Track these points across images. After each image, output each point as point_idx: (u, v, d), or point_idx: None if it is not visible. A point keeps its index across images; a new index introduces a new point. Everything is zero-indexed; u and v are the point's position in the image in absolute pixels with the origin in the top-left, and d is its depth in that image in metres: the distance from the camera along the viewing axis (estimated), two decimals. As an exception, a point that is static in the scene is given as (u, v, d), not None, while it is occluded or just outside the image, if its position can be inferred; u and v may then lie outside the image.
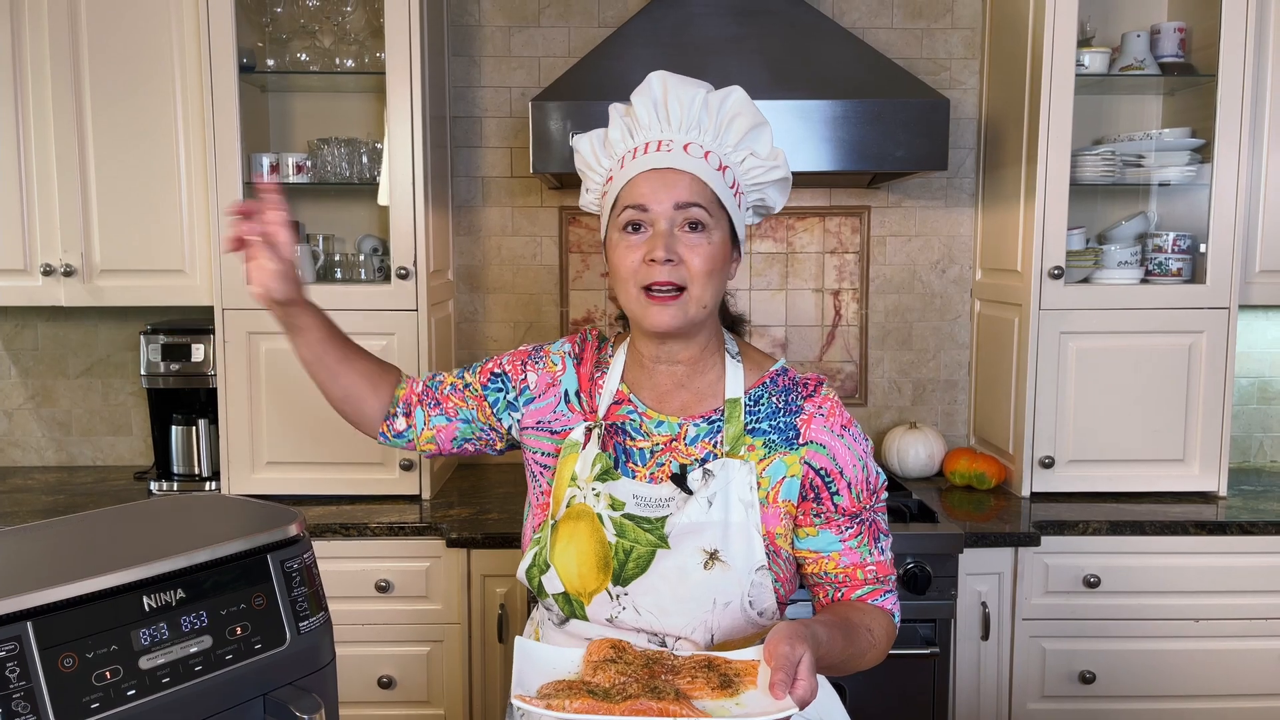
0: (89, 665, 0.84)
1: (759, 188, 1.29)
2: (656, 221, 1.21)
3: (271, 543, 1.01)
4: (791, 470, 1.24)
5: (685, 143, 1.23)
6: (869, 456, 1.28)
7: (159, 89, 2.46)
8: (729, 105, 1.24)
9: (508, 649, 2.26)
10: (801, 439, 1.25)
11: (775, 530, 1.24)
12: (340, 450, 2.47)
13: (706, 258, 1.21)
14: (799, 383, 1.30)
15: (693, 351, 1.29)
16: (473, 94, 2.81)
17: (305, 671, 1.01)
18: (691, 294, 1.21)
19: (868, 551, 1.26)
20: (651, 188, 1.22)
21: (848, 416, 1.29)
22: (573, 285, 2.88)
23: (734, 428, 1.25)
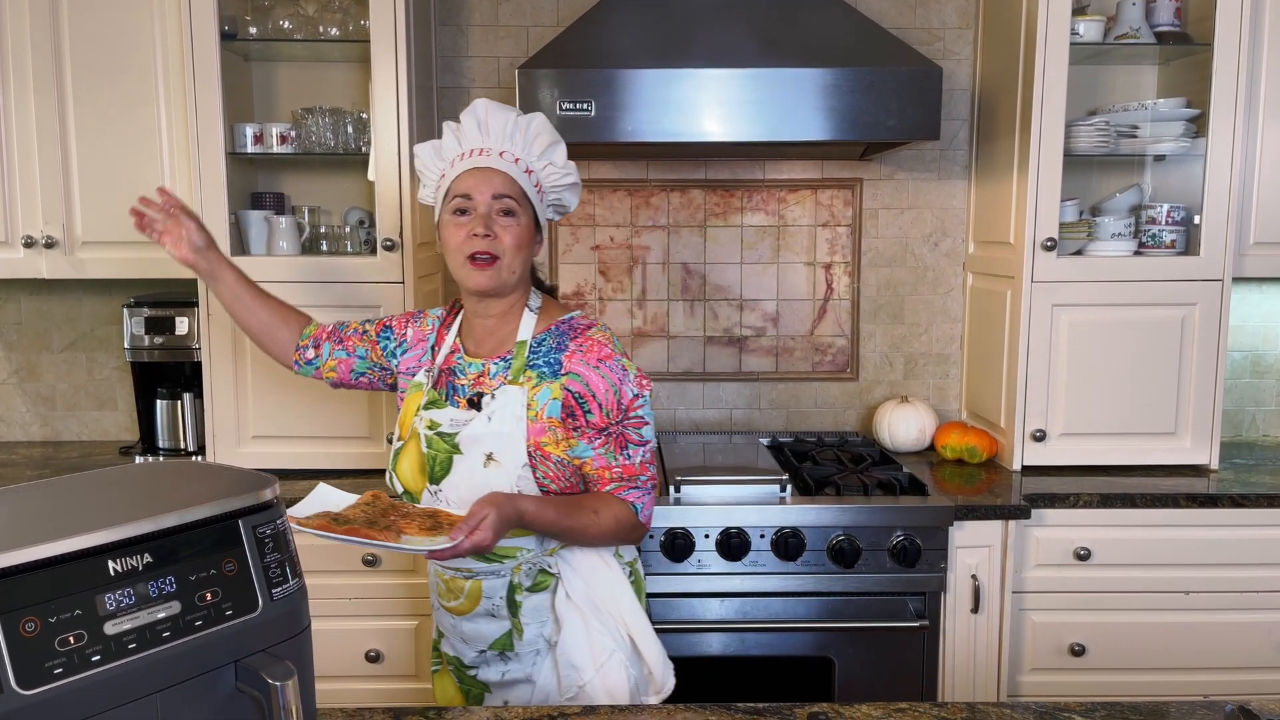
0: (52, 630, 0.82)
1: (557, 190, 1.70)
2: (478, 207, 1.59)
3: (243, 508, 0.99)
4: (554, 394, 1.58)
5: (501, 150, 1.62)
6: (624, 383, 1.59)
7: (140, 57, 2.42)
8: (533, 126, 1.64)
9: (496, 622, 2.24)
10: (564, 370, 1.59)
11: (541, 440, 1.57)
12: (327, 424, 2.44)
13: (515, 235, 1.60)
14: (575, 327, 1.64)
15: (502, 308, 1.66)
16: (460, 64, 2.77)
17: (279, 638, 0.99)
18: (504, 262, 1.60)
19: (613, 457, 1.59)
20: (475, 182, 1.60)
21: (608, 352, 1.60)
22: (562, 258, 2.85)
23: (518, 363, 1.62)
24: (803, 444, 2.69)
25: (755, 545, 2.19)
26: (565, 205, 1.75)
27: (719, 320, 2.87)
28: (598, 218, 2.84)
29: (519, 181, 1.62)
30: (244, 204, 2.57)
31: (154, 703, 0.89)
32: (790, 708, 1.24)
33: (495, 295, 1.64)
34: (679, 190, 2.83)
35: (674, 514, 2.19)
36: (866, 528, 2.19)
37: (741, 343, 2.88)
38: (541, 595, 1.62)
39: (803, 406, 2.90)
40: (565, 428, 1.58)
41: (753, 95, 2.25)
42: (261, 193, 2.63)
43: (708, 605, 2.22)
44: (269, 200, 2.61)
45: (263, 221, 2.50)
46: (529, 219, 1.64)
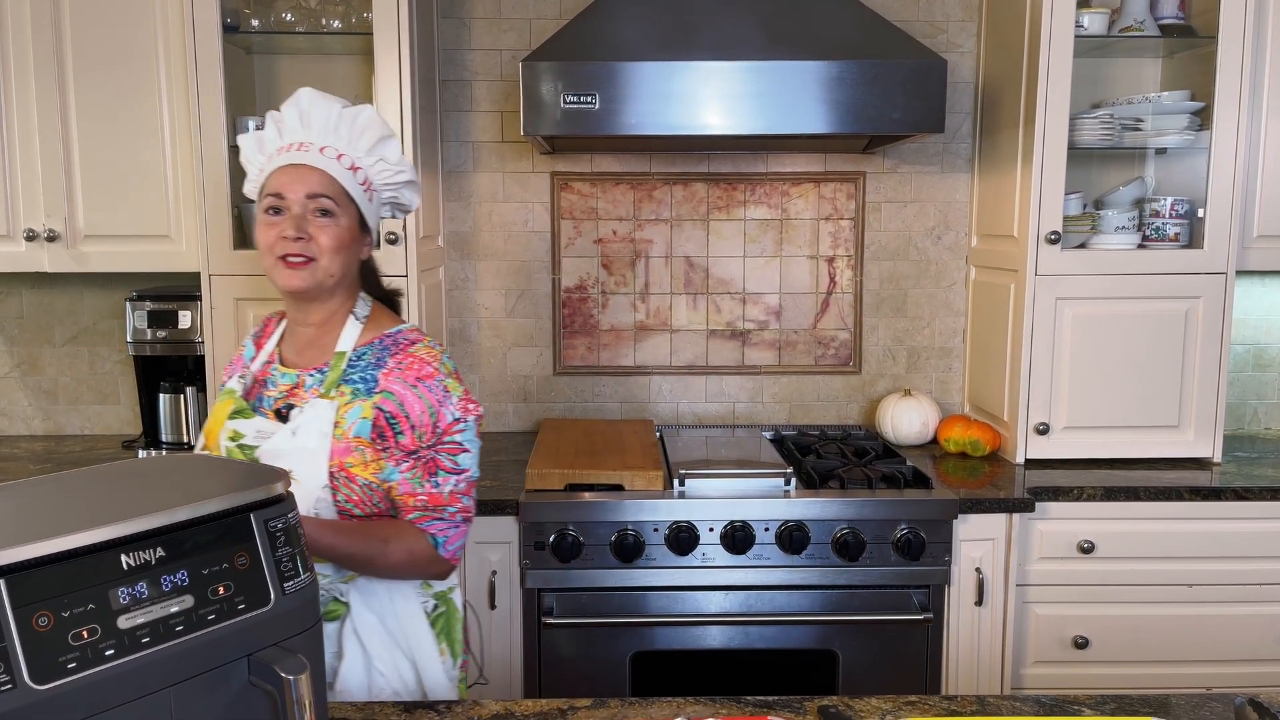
0: (65, 624, 0.82)
1: (391, 188, 1.59)
2: (291, 207, 1.48)
3: (255, 501, 0.99)
4: (365, 413, 1.48)
5: (322, 146, 1.51)
6: (444, 405, 1.51)
7: (141, 50, 2.41)
8: (361, 119, 1.54)
9: (499, 616, 2.24)
10: (378, 388, 1.50)
11: (346, 460, 1.47)
12: (330, 418, 2.44)
13: (333, 237, 1.49)
14: (399, 343, 1.55)
15: (322, 315, 1.56)
16: (462, 56, 2.76)
17: (291, 633, 0.99)
18: (320, 264, 1.49)
19: (419, 483, 1.49)
20: (289, 180, 1.48)
21: (430, 371, 1.51)
22: (565, 252, 2.85)
23: (333, 376, 1.52)
24: (806, 437, 2.69)
25: (760, 539, 2.19)
26: (404, 203, 1.65)
27: (722, 314, 2.87)
28: (600, 211, 2.83)
29: (339, 180, 1.50)
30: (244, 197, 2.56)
31: (167, 697, 0.89)
32: (801, 700, 1.25)
33: (312, 299, 1.54)
34: (682, 183, 2.82)
35: (678, 508, 2.19)
36: (871, 521, 2.19)
37: (744, 336, 2.88)
38: (332, 625, 1.50)
39: (805, 400, 2.90)
40: (374, 449, 1.47)
41: (757, 88, 2.25)
42: (264, 186, 2.62)
43: (711, 598, 2.22)
44: (271, 193, 2.60)
45: (265, 215, 2.49)
46: (351, 219, 1.52)
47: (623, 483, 2.24)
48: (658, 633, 2.23)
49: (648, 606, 2.22)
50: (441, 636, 1.58)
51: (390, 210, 1.65)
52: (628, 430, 2.66)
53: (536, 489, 2.25)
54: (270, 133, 1.55)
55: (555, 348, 2.88)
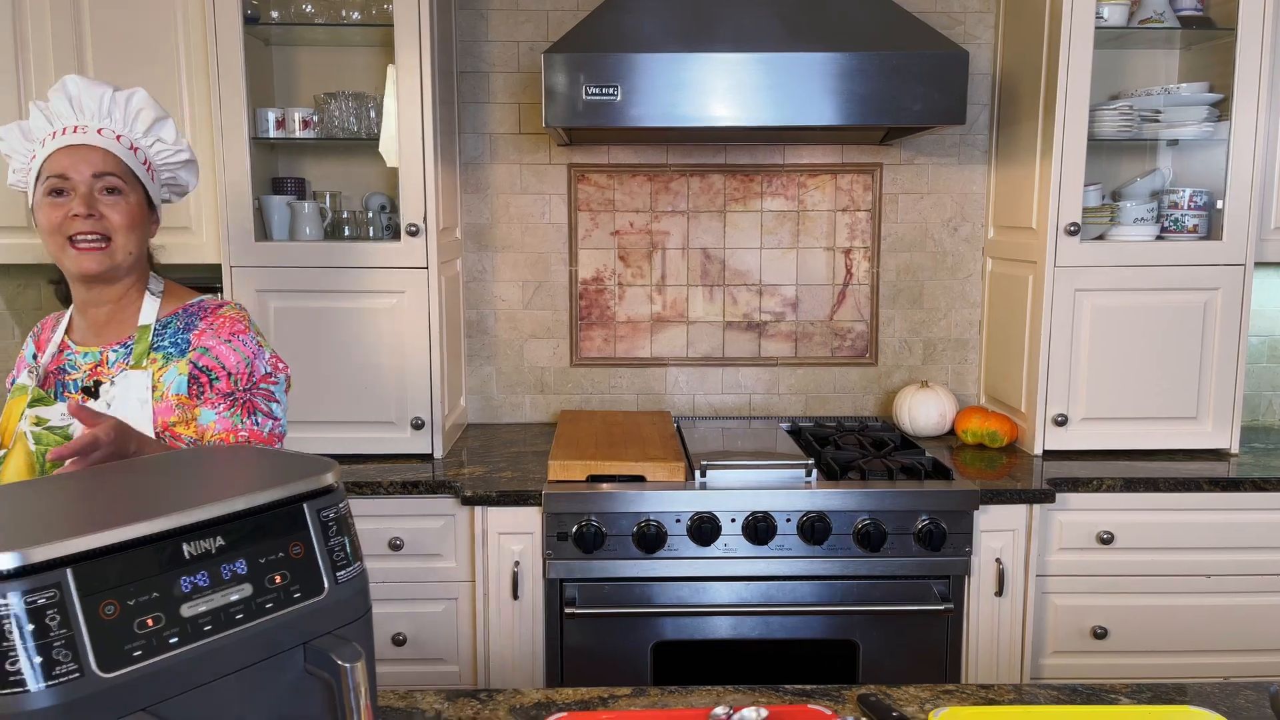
0: (130, 613, 0.82)
1: (170, 168, 1.62)
2: (78, 187, 1.49)
3: (308, 491, 0.99)
4: (180, 370, 1.53)
5: (99, 128, 1.53)
6: (257, 359, 1.57)
7: (161, 43, 2.41)
8: (134, 102, 1.56)
9: (522, 606, 2.26)
10: (192, 347, 1.55)
11: (169, 420, 1.51)
12: (351, 409, 2.45)
13: (125, 214, 1.52)
14: (206, 309, 1.60)
15: (117, 293, 1.57)
16: (480, 48, 2.76)
17: (344, 621, 1.00)
18: (117, 243, 1.51)
19: (239, 421, 1.54)
20: (71, 160, 1.50)
21: (241, 327, 1.58)
22: (582, 244, 2.85)
23: (140, 347, 1.55)
24: (823, 429, 2.70)
25: (781, 529, 2.20)
26: (182, 184, 1.68)
27: (738, 305, 2.87)
28: (617, 203, 2.83)
29: (122, 158, 1.53)
30: (265, 189, 2.56)
31: (228, 684, 0.90)
32: (839, 689, 1.25)
33: (107, 281, 1.54)
34: (699, 175, 2.83)
35: (700, 499, 2.20)
36: (892, 512, 2.20)
37: (761, 328, 2.88)
38: None
39: (822, 392, 2.90)
40: (192, 404, 1.52)
41: (777, 79, 2.25)
42: (282, 178, 2.63)
43: (733, 589, 2.23)
44: (290, 185, 2.61)
45: (285, 207, 2.50)
46: (139, 197, 1.55)
47: (644, 474, 2.25)
48: (679, 623, 2.24)
49: (669, 597, 2.23)
50: None
51: (169, 192, 1.67)
52: (646, 421, 2.67)
53: (559, 480, 2.26)
54: (38, 120, 1.54)
55: (572, 339, 2.88)
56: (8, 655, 0.76)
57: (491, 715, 1.20)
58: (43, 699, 0.77)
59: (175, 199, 1.70)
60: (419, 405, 2.46)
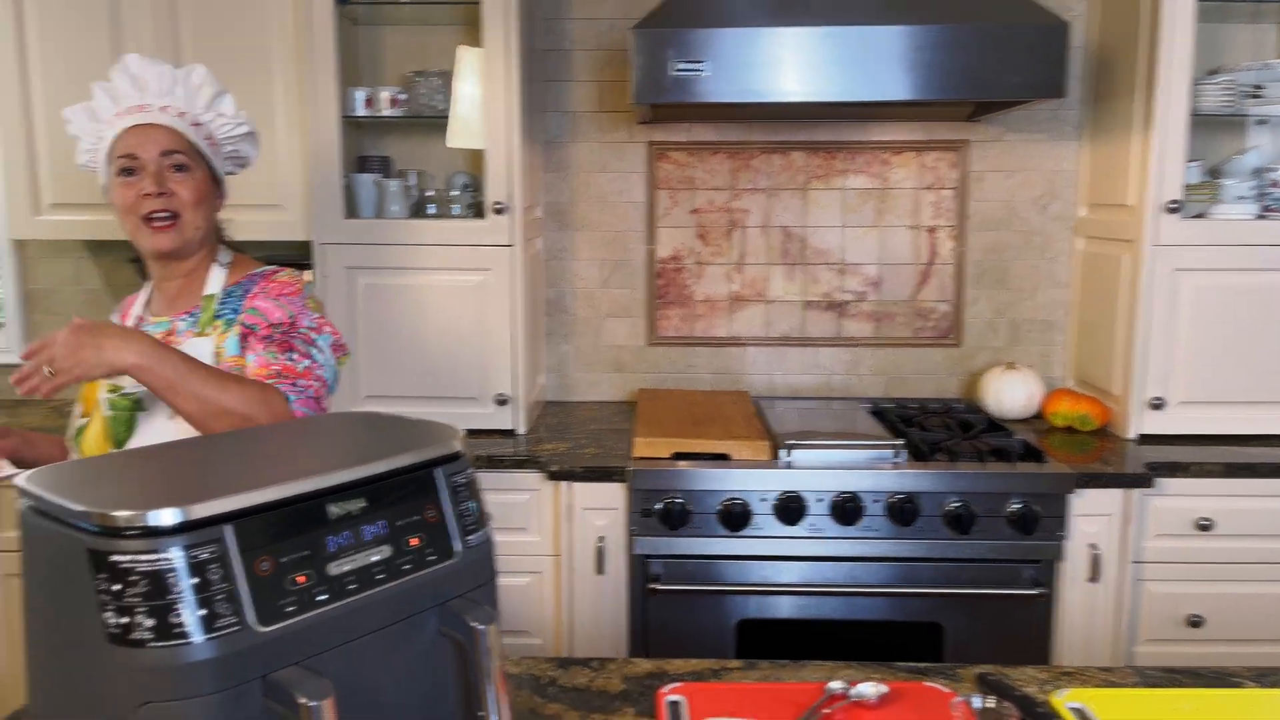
0: (284, 569, 0.84)
1: (231, 142, 1.65)
2: (147, 165, 1.52)
3: (439, 456, 1.00)
4: (234, 332, 1.56)
5: (162, 105, 1.56)
6: (302, 314, 1.58)
7: (254, 24, 2.45)
8: (194, 78, 1.59)
9: (606, 581, 2.27)
10: (243, 309, 1.58)
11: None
12: (435, 384, 2.48)
13: (193, 190, 1.55)
14: (265, 276, 1.63)
15: (188, 267, 1.61)
16: (562, 26, 2.76)
17: (473, 585, 1.01)
18: (185, 219, 1.55)
19: (273, 356, 1.53)
20: (139, 140, 1.53)
21: (292, 290, 1.60)
22: (661, 222, 2.84)
23: (205, 315, 1.58)
24: (906, 410, 2.66)
25: (869, 510, 2.18)
26: (244, 157, 1.70)
27: (819, 285, 2.84)
28: (697, 181, 2.82)
29: (187, 135, 1.56)
30: (351, 168, 2.59)
31: (369, 644, 0.91)
32: (953, 668, 1.24)
33: (180, 256, 1.59)
34: (780, 152, 2.80)
35: (786, 478, 2.19)
36: (983, 494, 2.17)
37: (841, 308, 2.85)
38: None
39: (903, 373, 2.86)
40: (243, 353, 1.54)
41: (869, 53, 2.21)
42: (368, 156, 2.66)
43: (819, 569, 2.22)
44: (375, 163, 2.64)
45: (373, 185, 2.53)
46: (205, 173, 1.58)
47: (729, 452, 2.25)
48: (763, 601, 2.24)
49: (753, 575, 2.23)
50: None
51: (231, 165, 1.68)
52: (726, 401, 2.66)
53: (644, 456, 2.26)
54: (102, 101, 1.57)
55: (649, 318, 2.88)
56: (171, 608, 0.78)
57: (606, 683, 1.21)
58: (204, 650, 0.79)
59: (237, 170, 1.71)
60: (501, 381, 2.48)
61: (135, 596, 0.78)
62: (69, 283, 2.92)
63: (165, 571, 0.78)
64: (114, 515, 0.78)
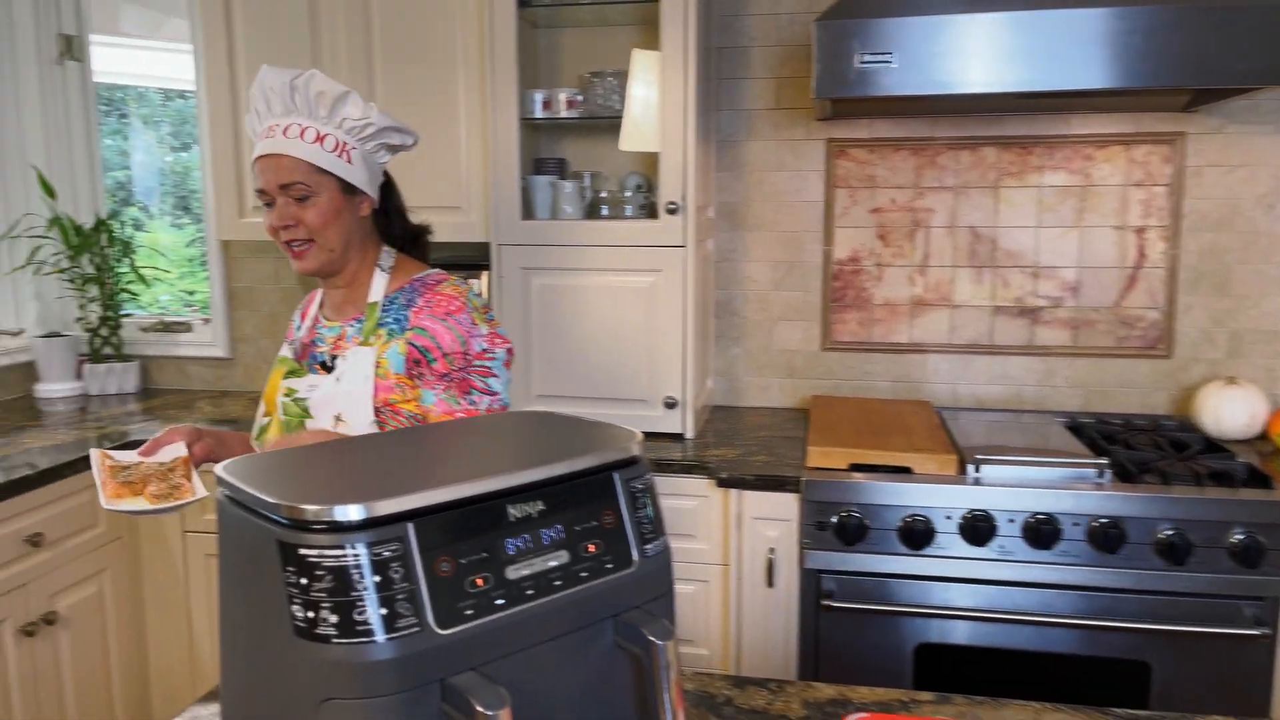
0: (463, 571, 0.82)
1: (368, 140, 1.59)
2: (274, 198, 1.55)
3: (617, 460, 0.96)
4: (400, 350, 1.56)
5: (287, 125, 1.54)
6: (472, 337, 1.56)
7: (441, 31, 2.52)
8: (313, 85, 1.53)
9: (776, 594, 2.19)
10: (410, 325, 1.57)
11: (390, 397, 1.55)
12: (605, 385, 2.47)
13: (319, 214, 1.55)
14: (427, 284, 1.62)
15: (345, 278, 1.64)
16: (739, 22, 2.70)
17: (649, 596, 0.96)
18: (319, 241, 1.57)
19: (455, 401, 1.55)
20: (264, 173, 1.55)
21: (458, 305, 1.57)
22: (838, 222, 2.74)
23: (369, 324, 1.60)
24: (1108, 426, 2.45)
25: (1067, 534, 2.00)
26: (396, 145, 1.64)
27: (1009, 289, 2.66)
28: (878, 179, 2.69)
29: (306, 157, 1.53)
30: (528, 170, 2.63)
31: (545, 652, 0.88)
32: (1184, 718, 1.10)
33: (329, 272, 1.61)
34: (969, 148, 2.64)
35: (974, 495, 2.05)
36: (1201, 522, 1.96)
37: (1034, 314, 2.66)
38: None
39: (1105, 386, 2.64)
40: (412, 383, 1.55)
41: (1076, 38, 2.04)
42: (544, 158, 2.69)
43: (1008, 594, 2.06)
44: (551, 165, 2.66)
45: (548, 186, 2.55)
46: (332, 190, 1.55)
47: (911, 465, 2.12)
48: (945, 626, 2.10)
49: (935, 597, 2.10)
50: None
51: (384, 154, 1.64)
52: (906, 410, 2.53)
53: (818, 467, 2.17)
54: (252, 122, 1.60)
55: (824, 322, 2.78)
56: (355, 605, 0.77)
57: (785, 707, 1.14)
58: (386, 650, 0.77)
59: (389, 157, 1.67)
60: (671, 384, 2.45)
61: (321, 591, 0.77)
62: (268, 281, 3.10)
63: (350, 567, 0.77)
64: (303, 509, 0.78)
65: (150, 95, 3.41)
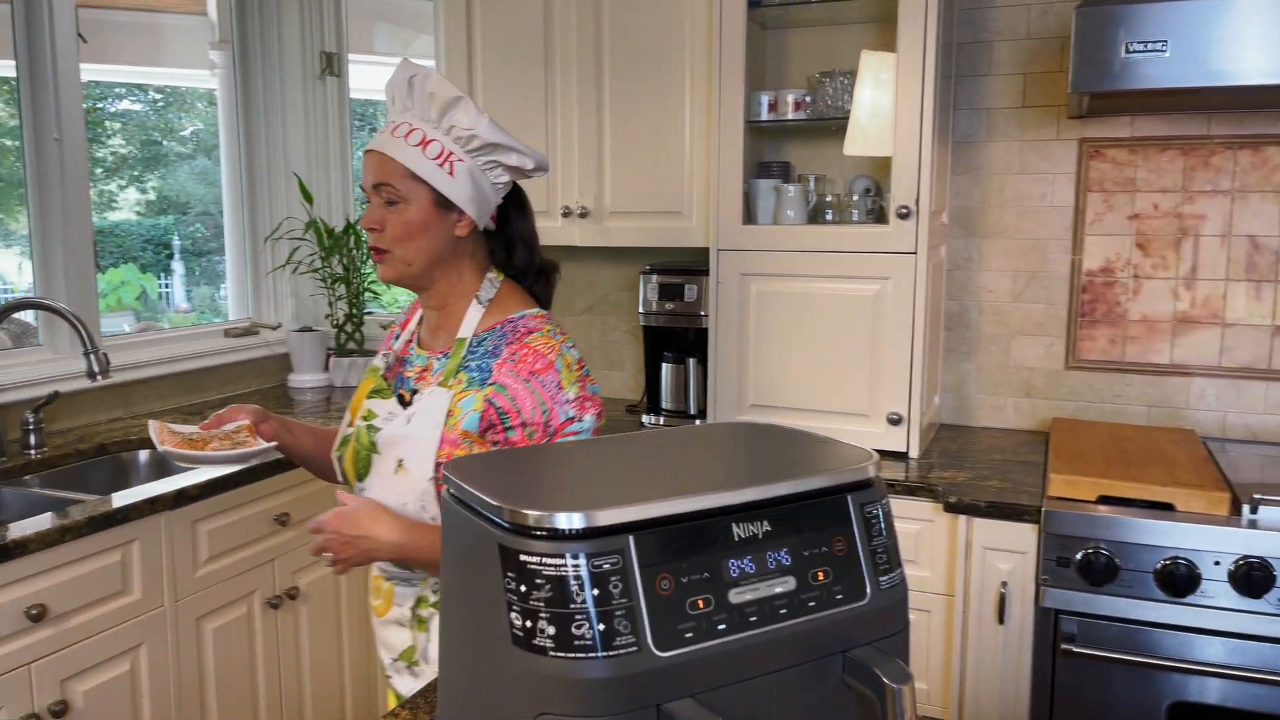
0: (684, 591, 0.77)
1: (479, 153, 1.42)
2: (370, 198, 1.44)
3: (850, 482, 0.89)
4: (476, 405, 1.38)
5: (399, 123, 1.43)
6: (556, 403, 1.37)
7: (669, 36, 2.52)
8: (427, 85, 1.40)
9: (1008, 633, 2.01)
10: (491, 379, 1.39)
11: (456, 453, 1.38)
12: (823, 397, 2.37)
13: (399, 225, 1.41)
14: (517, 330, 1.42)
15: (438, 299, 1.49)
16: (983, 16, 2.53)
17: (882, 634, 0.88)
18: (393, 255, 1.43)
19: None
20: (365, 169, 1.45)
21: (544, 364, 1.38)
22: (1089, 229, 2.50)
23: (453, 363, 1.44)
24: None
25: (1370, 593, 1.72)
26: (515, 166, 1.44)
27: (1296, 307, 2.33)
28: (1138, 182, 2.44)
29: (402, 161, 1.39)
30: (751, 174, 2.57)
31: (767, 684, 0.82)
32: None
33: (415, 289, 1.48)
34: (1250, 147, 2.33)
35: (1249, 539, 1.79)
36: None
37: (1328, 336, 2.31)
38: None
39: None
40: (482, 443, 1.38)
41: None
42: (768, 161, 2.63)
43: (1289, 657, 1.79)
44: (775, 169, 2.60)
45: (771, 190, 2.49)
46: (423, 201, 1.40)
47: (1172, 501, 1.89)
48: (1206, 684, 1.85)
49: (1195, 651, 1.85)
50: None
51: (503, 172, 1.45)
52: (1165, 439, 2.26)
53: (1061, 496, 1.98)
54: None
55: (1069, 338, 2.54)
56: (573, 618, 0.74)
57: (1029, 768, 1.02)
58: (603, 669, 0.73)
59: (504, 178, 1.47)
60: (895, 399, 2.31)
61: (539, 601, 0.74)
62: (496, 284, 3.22)
63: (569, 578, 0.74)
64: (525, 513, 0.76)
65: (397, 107, 3.63)
